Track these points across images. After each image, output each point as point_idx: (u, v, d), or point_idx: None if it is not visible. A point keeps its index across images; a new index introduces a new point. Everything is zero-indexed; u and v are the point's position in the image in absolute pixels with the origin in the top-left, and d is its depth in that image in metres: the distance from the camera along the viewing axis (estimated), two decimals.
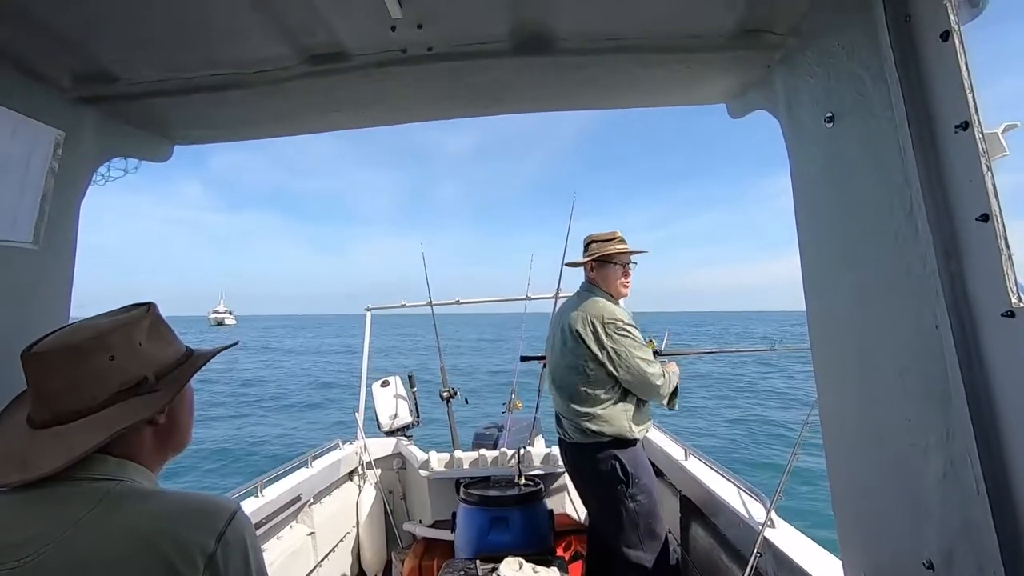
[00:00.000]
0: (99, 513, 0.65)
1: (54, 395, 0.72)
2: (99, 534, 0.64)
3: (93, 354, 0.73)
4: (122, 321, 0.78)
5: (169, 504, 0.70)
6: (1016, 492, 0.76)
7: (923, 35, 0.84)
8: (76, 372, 0.72)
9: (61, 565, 0.61)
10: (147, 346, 0.78)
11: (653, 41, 1.17)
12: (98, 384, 0.73)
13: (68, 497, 0.67)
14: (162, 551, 0.63)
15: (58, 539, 0.62)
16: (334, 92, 1.30)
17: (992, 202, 0.75)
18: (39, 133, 1.13)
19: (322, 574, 2.98)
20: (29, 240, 1.12)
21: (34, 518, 0.65)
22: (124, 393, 0.74)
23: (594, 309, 2.27)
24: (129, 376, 0.74)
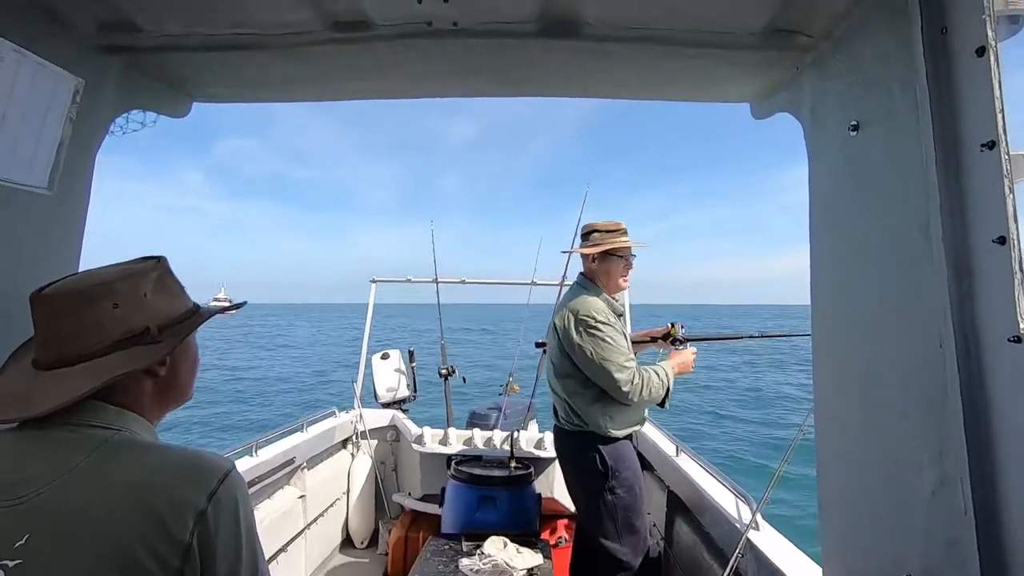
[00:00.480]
0: (95, 461, 0.66)
1: (58, 338, 0.74)
2: (94, 483, 0.64)
3: (98, 300, 0.74)
4: (130, 271, 0.79)
5: (164, 459, 0.70)
6: (1003, 515, 0.76)
7: (958, 49, 0.82)
8: (80, 317, 0.73)
9: (55, 509, 0.62)
10: (152, 298, 0.79)
11: (681, 34, 1.15)
12: (101, 331, 0.74)
13: (66, 442, 0.68)
14: (153, 506, 0.64)
15: (54, 483, 0.63)
16: (356, 60, 1.29)
17: (1011, 225, 0.74)
18: (59, 79, 1.13)
19: (310, 536, 3.04)
20: (44, 186, 1.12)
21: (33, 460, 0.66)
22: (126, 342, 0.74)
23: (574, 304, 2.24)
24: (132, 325, 0.75)
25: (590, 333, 2.14)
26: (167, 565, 0.62)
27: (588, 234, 2.36)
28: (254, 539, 0.73)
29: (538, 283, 4.29)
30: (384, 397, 4.07)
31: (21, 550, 0.59)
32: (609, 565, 2.17)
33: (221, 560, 0.67)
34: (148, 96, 1.39)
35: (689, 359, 2.36)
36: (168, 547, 0.63)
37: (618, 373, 2.09)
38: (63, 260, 1.20)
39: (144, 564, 0.61)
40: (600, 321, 2.15)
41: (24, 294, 0.77)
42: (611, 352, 2.11)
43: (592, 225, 2.37)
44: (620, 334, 2.19)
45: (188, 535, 0.64)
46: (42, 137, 1.11)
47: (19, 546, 0.59)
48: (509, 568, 2.08)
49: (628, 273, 2.37)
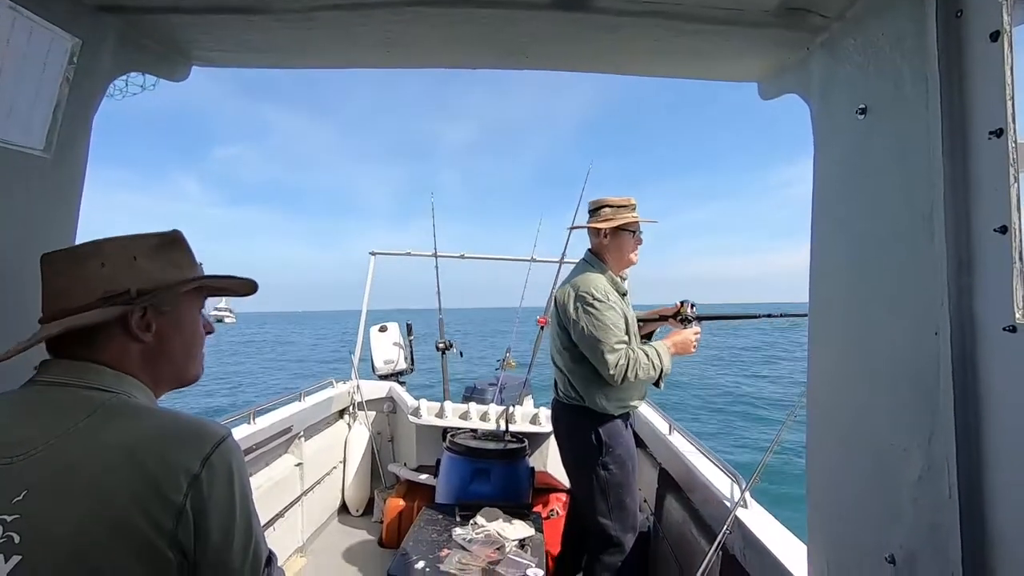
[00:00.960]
0: (91, 423, 0.67)
1: (51, 294, 0.77)
2: (89, 443, 0.65)
3: (87, 259, 0.77)
4: (127, 236, 0.80)
5: (159, 422, 0.71)
6: (986, 501, 0.77)
7: (972, 33, 0.81)
8: (70, 275, 0.76)
9: (50, 468, 0.63)
10: (144, 263, 0.79)
11: (692, 10, 1.13)
12: (86, 288, 0.76)
13: (65, 403, 0.69)
14: (147, 468, 0.64)
15: (50, 443, 0.64)
16: (361, 28, 1.26)
17: (1013, 214, 0.74)
18: (56, 39, 1.10)
19: (306, 504, 3.09)
20: (40, 147, 1.11)
21: (32, 419, 0.67)
22: (106, 300, 0.75)
23: (576, 280, 2.25)
24: (115, 285, 0.76)
25: (585, 310, 2.15)
26: (160, 526, 0.63)
27: (598, 209, 2.33)
28: (249, 505, 0.74)
29: (537, 260, 4.28)
30: (382, 369, 4.10)
31: (18, 505, 0.60)
32: (599, 540, 2.21)
33: (215, 524, 0.68)
34: (147, 58, 1.36)
35: (689, 339, 2.31)
36: (161, 508, 0.64)
37: (606, 354, 2.10)
38: (60, 222, 1.19)
39: (137, 523, 0.62)
40: (596, 299, 2.15)
41: (21, 255, 0.77)
42: (601, 331, 2.12)
43: (602, 200, 2.34)
44: (618, 313, 2.19)
45: (181, 497, 0.65)
46: (38, 97, 1.09)
47: (16, 501, 0.60)
48: (501, 538, 2.12)
49: (638, 248, 2.35)
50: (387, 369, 4.12)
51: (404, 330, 4.32)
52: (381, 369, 4.11)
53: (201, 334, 0.88)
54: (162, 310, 0.80)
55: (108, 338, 0.76)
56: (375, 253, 4.43)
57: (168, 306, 0.81)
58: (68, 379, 0.72)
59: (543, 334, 3.78)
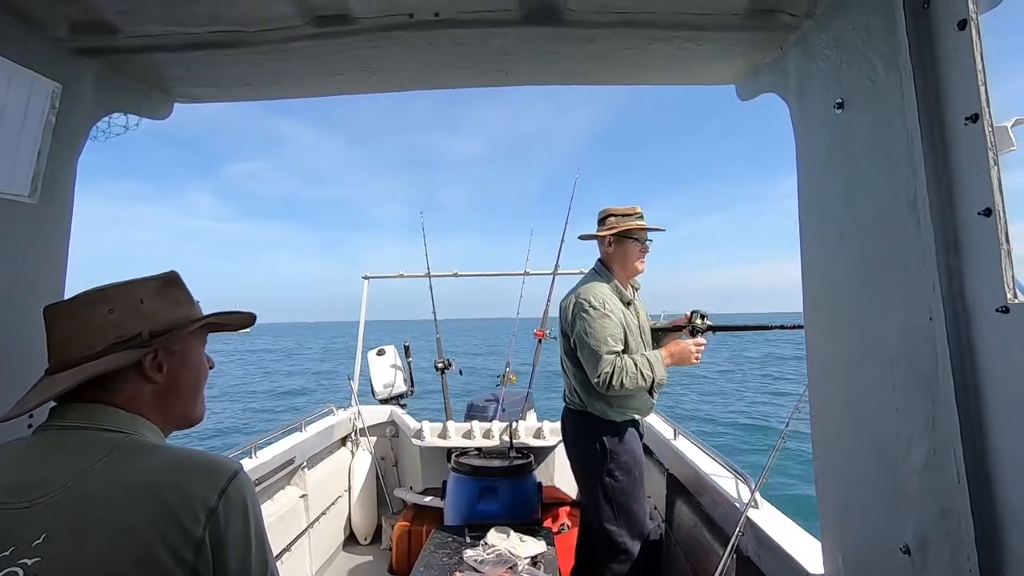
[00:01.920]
0: (108, 463, 0.68)
1: (57, 344, 0.77)
2: (107, 482, 0.66)
3: (94, 306, 0.78)
4: (130, 281, 0.82)
5: (175, 458, 0.72)
6: (995, 483, 0.77)
7: (940, 23, 0.82)
8: (77, 323, 0.77)
9: (69, 509, 0.64)
10: (150, 304, 0.81)
11: (663, 17, 1.15)
12: (96, 335, 0.76)
13: (80, 445, 0.70)
14: (167, 502, 0.65)
15: (68, 485, 0.65)
16: (338, 55, 1.28)
17: (996, 197, 0.75)
18: (36, 84, 1.11)
19: (313, 536, 3.05)
20: (26, 193, 1.11)
21: (48, 463, 0.68)
22: (119, 345, 0.77)
23: (580, 288, 2.29)
24: (125, 330, 0.78)
25: (581, 317, 2.19)
26: (181, 558, 0.64)
27: (604, 218, 2.37)
28: (263, 536, 0.75)
29: (531, 272, 4.29)
30: (381, 393, 4.07)
31: (39, 548, 0.60)
32: (608, 548, 2.20)
33: (232, 555, 0.69)
34: (128, 98, 1.37)
35: (689, 349, 2.27)
36: (181, 542, 0.64)
37: (592, 361, 2.13)
38: (48, 268, 1.18)
39: (159, 556, 0.63)
40: (593, 306, 2.17)
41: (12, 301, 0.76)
42: (592, 339, 2.14)
43: (608, 210, 2.38)
44: (615, 322, 2.19)
45: (201, 530, 0.66)
46: (21, 144, 1.09)
47: (37, 545, 0.60)
48: (513, 557, 2.09)
49: (644, 256, 2.36)
50: (387, 393, 4.08)
51: (402, 352, 4.29)
52: (381, 393, 4.08)
53: (206, 370, 0.90)
54: (172, 350, 0.82)
55: (121, 381, 0.77)
56: (368, 277, 4.42)
57: (177, 346, 0.83)
58: (83, 422, 0.73)
59: (541, 347, 3.78)
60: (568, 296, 2.33)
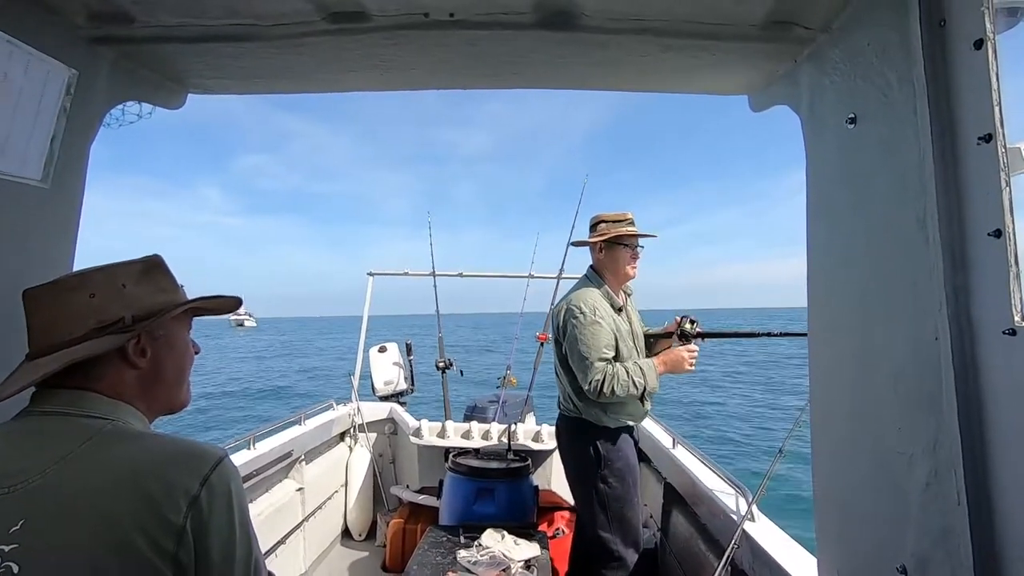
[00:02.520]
0: (88, 449, 0.67)
1: (38, 329, 0.76)
2: (87, 468, 0.65)
3: (75, 291, 0.77)
4: (111, 265, 0.80)
5: (157, 445, 0.71)
6: (995, 505, 0.77)
7: (956, 41, 0.82)
8: (58, 308, 0.76)
9: (48, 495, 0.63)
10: (133, 289, 0.80)
11: (679, 25, 1.14)
12: (77, 320, 0.75)
13: (61, 431, 0.69)
14: (147, 489, 0.64)
15: (46, 471, 0.64)
16: (352, 52, 1.28)
17: (1007, 218, 0.75)
18: (52, 70, 1.12)
19: (308, 529, 3.05)
20: (38, 178, 1.12)
21: (27, 449, 0.67)
22: (100, 330, 0.76)
23: (572, 295, 2.30)
24: (107, 314, 0.76)
25: (572, 324, 2.19)
26: (161, 548, 0.63)
27: (595, 225, 2.38)
28: (248, 525, 0.74)
29: (536, 276, 4.28)
30: (382, 390, 4.07)
31: (16, 535, 0.60)
32: (602, 555, 2.19)
33: (215, 545, 0.68)
34: (143, 87, 1.38)
35: (683, 356, 2.26)
36: (162, 530, 0.64)
37: (582, 369, 2.14)
38: (58, 253, 1.19)
39: (138, 545, 0.62)
40: (583, 312, 2.18)
41: (19, 287, 0.77)
42: (583, 346, 2.15)
43: (599, 216, 2.39)
44: (606, 328, 2.18)
45: (182, 518, 0.65)
46: (35, 129, 1.10)
47: (14, 531, 0.60)
48: (506, 559, 2.09)
49: (635, 262, 2.36)
50: (387, 390, 4.09)
51: (403, 349, 4.30)
52: (381, 390, 4.08)
53: (191, 356, 0.89)
54: (155, 335, 0.81)
55: (104, 366, 0.76)
56: (372, 274, 4.43)
57: (161, 331, 0.81)
58: (64, 408, 0.72)
59: (543, 350, 3.77)
60: (559, 303, 2.35)
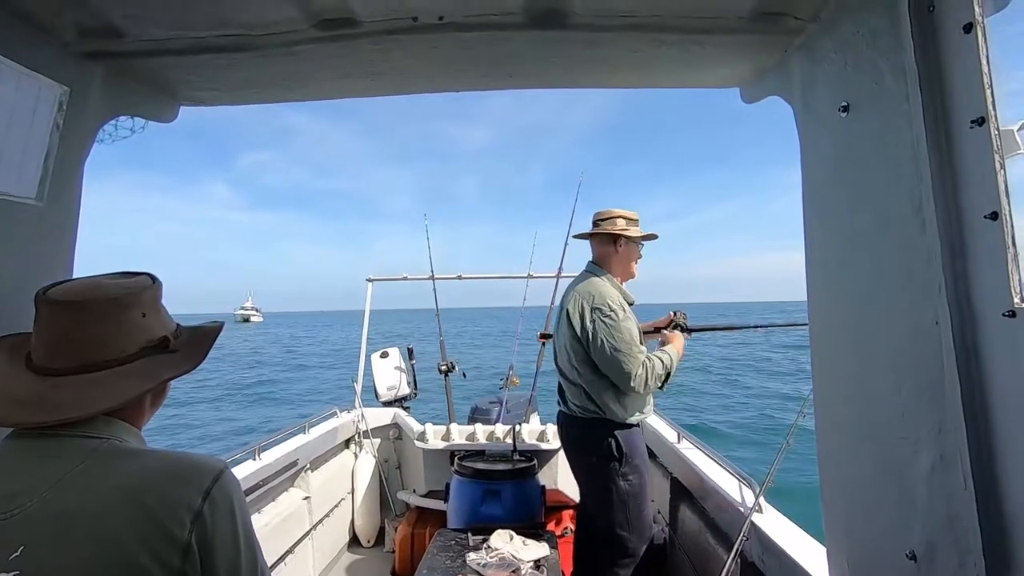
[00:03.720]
0: (84, 470, 0.66)
1: (88, 343, 0.73)
2: (85, 490, 0.64)
3: (130, 308, 0.76)
4: (146, 284, 0.80)
5: (156, 462, 0.70)
6: (1003, 488, 0.77)
7: (946, 26, 0.82)
8: (114, 323, 0.75)
9: (46, 520, 0.62)
10: (162, 311, 0.82)
11: (669, 20, 1.15)
12: (129, 338, 0.75)
13: (56, 452, 0.68)
14: (149, 507, 0.64)
15: (43, 494, 0.63)
16: (343, 58, 1.28)
17: (1003, 200, 0.75)
18: (44, 88, 1.11)
19: (316, 538, 3.05)
20: (33, 196, 1.12)
21: (22, 472, 0.66)
22: (149, 350, 0.77)
23: (588, 290, 2.26)
24: (153, 335, 0.78)
25: (604, 322, 2.16)
26: (167, 564, 0.63)
27: (611, 219, 2.36)
28: (252, 536, 0.74)
29: (535, 276, 4.28)
30: (385, 395, 4.07)
31: (16, 561, 0.59)
32: (616, 553, 2.19)
33: (220, 557, 0.67)
34: (134, 101, 1.38)
35: (683, 343, 2.40)
36: (167, 547, 0.63)
37: (628, 365, 2.12)
38: (55, 270, 1.19)
39: (143, 564, 0.61)
40: (613, 309, 2.17)
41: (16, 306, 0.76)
42: (622, 343, 2.14)
43: (614, 212, 2.38)
44: (633, 323, 2.22)
45: (186, 534, 0.64)
46: (29, 147, 1.10)
47: (14, 557, 0.59)
48: (516, 560, 2.09)
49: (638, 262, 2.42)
50: (390, 395, 4.09)
51: (405, 354, 4.30)
52: (384, 395, 4.08)
53: None
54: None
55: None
56: (372, 280, 4.43)
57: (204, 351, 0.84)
58: (59, 428, 0.70)
59: (544, 350, 3.77)
60: (574, 298, 2.27)
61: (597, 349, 2.16)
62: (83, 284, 0.77)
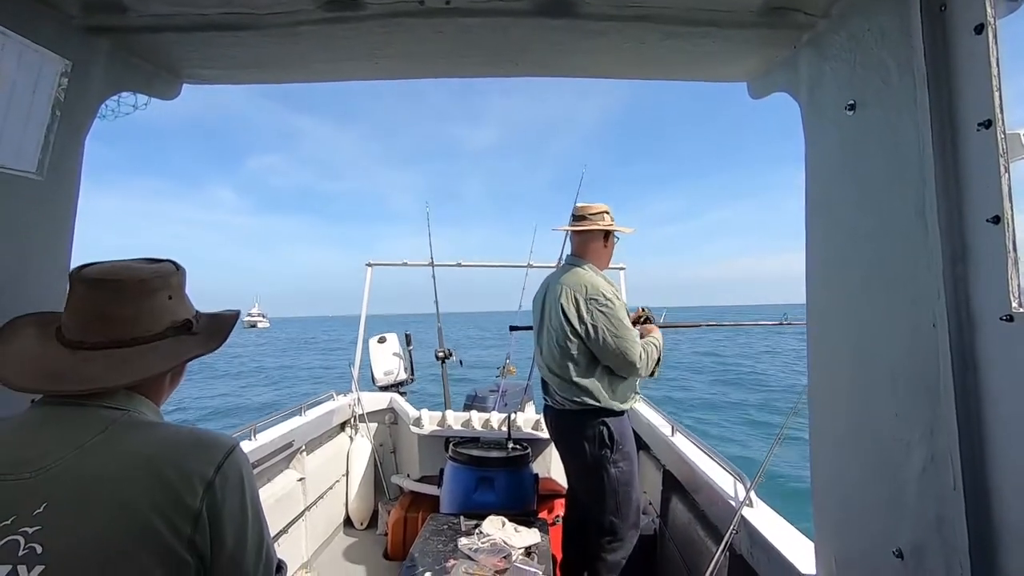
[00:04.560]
0: (104, 438, 0.70)
1: (120, 321, 0.78)
2: (106, 456, 0.68)
3: (160, 291, 0.81)
4: (172, 270, 0.85)
5: (171, 434, 0.74)
6: (991, 490, 0.77)
7: (956, 26, 0.82)
8: (144, 303, 0.80)
9: (69, 481, 0.65)
10: (185, 296, 0.87)
11: (678, 12, 1.14)
12: (156, 318, 0.80)
13: (78, 421, 0.71)
14: (164, 475, 0.67)
15: (66, 458, 0.66)
16: (348, 40, 1.27)
17: (1006, 204, 0.75)
18: (46, 61, 1.10)
19: (310, 518, 3.07)
20: (33, 170, 1.11)
21: (46, 436, 0.69)
22: (173, 330, 0.82)
23: (577, 282, 2.26)
24: (178, 316, 0.83)
25: (602, 311, 2.18)
26: (179, 531, 0.66)
27: (600, 213, 2.38)
28: (259, 511, 0.77)
29: (535, 265, 4.29)
30: (382, 380, 4.09)
31: (40, 517, 0.62)
32: (606, 539, 2.21)
33: (228, 528, 0.71)
34: (137, 78, 1.37)
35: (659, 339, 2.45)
36: (179, 515, 0.66)
37: (632, 350, 2.17)
38: (55, 245, 1.19)
39: (158, 529, 0.64)
40: (609, 299, 2.20)
41: (18, 280, 0.77)
42: (623, 329, 2.18)
43: (601, 207, 2.41)
44: (625, 311, 2.26)
45: (198, 503, 0.68)
46: (30, 121, 1.09)
47: (37, 514, 0.62)
48: (507, 546, 2.11)
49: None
50: (387, 380, 4.11)
51: (403, 340, 4.31)
52: (381, 380, 4.10)
53: None
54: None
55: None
56: (371, 264, 4.42)
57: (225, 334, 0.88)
58: (81, 398, 0.74)
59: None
60: (563, 290, 2.26)
61: (599, 339, 2.17)
62: (116, 266, 0.82)
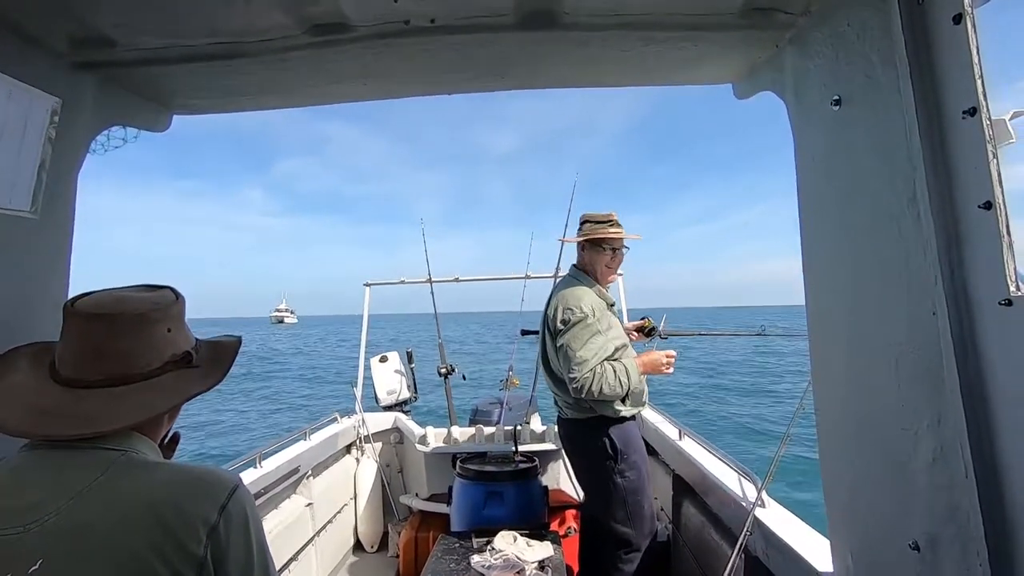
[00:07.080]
0: (103, 482, 0.67)
1: (116, 356, 0.74)
2: (105, 502, 0.65)
3: (158, 324, 0.77)
4: (170, 299, 0.82)
5: (172, 475, 0.71)
6: (1004, 477, 0.77)
7: (935, 17, 0.83)
8: (141, 338, 0.76)
9: (65, 532, 0.62)
10: (185, 326, 0.83)
11: (659, 18, 1.15)
12: (155, 352, 0.76)
13: (74, 464, 0.68)
14: (166, 521, 0.64)
15: (61, 507, 0.63)
16: (336, 63, 1.28)
17: (996, 190, 0.75)
18: (36, 99, 1.11)
19: (319, 544, 3.04)
20: (27, 208, 1.11)
21: (41, 484, 0.66)
22: (173, 364, 0.78)
23: (563, 294, 2.27)
24: (178, 349, 0.79)
25: (567, 323, 2.18)
26: None
27: (583, 224, 2.39)
28: (264, 550, 0.75)
29: (532, 276, 4.28)
30: (385, 400, 4.06)
31: (36, 575, 0.59)
32: (619, 549, 2.19)
33: (233, 570, 0.68)
34: (127, 111, 1.37)
35: (660, 360, 2.30)
36: (183, 560, 0.64)
37: (568, 366, 2.14)
38: (50, 282, 1.18)
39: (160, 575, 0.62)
40: (577, 314, 2.17)
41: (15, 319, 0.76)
42: (576, 343, 2.15)
43: (587, 215, 2.40)
44: (601, 329, 2.20)
45: (202, 549, 0.65)
46: (22, 159, 1.09)
47: (33, 571, 0.59)
48: (520, 561, 2.09)
49: (616, 265, 2.39)
50: (390, 399, 4.08)
51: (404, 358, 4.29)
52: (385, 400, 4.07)
53: None
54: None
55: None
56: (369, 284, 4.42)
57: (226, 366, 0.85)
58: (77, 440, 0.71)
59: None
60: (552, 301, 2.31)
61: (559, 347, 2.20)
62: (112, 297, 0.78)
